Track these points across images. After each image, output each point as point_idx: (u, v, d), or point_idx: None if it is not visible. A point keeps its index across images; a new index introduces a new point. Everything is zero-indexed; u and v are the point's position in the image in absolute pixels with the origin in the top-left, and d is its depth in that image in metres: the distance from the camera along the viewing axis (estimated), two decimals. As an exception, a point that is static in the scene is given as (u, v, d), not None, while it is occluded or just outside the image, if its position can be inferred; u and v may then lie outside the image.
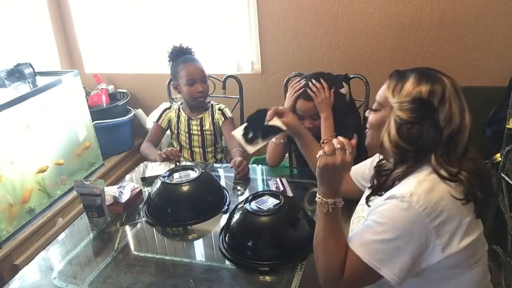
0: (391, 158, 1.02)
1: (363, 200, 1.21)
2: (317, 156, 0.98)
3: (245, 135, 1.37)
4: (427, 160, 0.97)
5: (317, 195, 1.01)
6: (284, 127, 1.36)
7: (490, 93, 2.14)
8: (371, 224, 0.95)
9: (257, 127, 1.36)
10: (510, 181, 1.49)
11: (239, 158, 1.78)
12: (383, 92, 1.04)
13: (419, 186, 0.91)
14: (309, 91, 1.68)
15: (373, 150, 1.12)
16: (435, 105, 0.95)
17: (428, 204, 0.89)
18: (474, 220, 0.95)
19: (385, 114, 1.01)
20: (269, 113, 1.37)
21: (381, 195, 1.02)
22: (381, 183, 1.03)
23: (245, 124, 1.38)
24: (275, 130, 1.36)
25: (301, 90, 1.71)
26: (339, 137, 0.99)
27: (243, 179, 1.74)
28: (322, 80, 1.69)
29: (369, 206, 1.06)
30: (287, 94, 1.79)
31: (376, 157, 1.26)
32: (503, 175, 1.51)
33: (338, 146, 0.96)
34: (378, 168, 1.09)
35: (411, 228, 0.90)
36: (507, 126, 1.86)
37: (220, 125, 2.09)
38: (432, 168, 0.95)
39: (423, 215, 0.88)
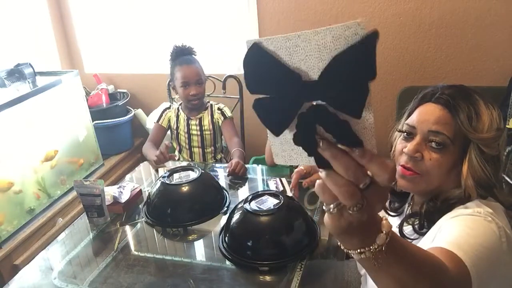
0: (458, 192, 0.88)
1: None
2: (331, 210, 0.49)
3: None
4: None
5: (347, 251, 0.54)
6: None
7: (490, 93, 2.13)
8: (463, 235, 0.78)
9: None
10: (510, 181, 1.49)
11: (235, 160, 1.78)
12: (452, 123, 0.86)
13: (488, 208, 0.83)
14: None
15: (423, 195, 0.95)
16: (503, 129, 0.87)
17: (503, 224, 0.81)
18: None
19: (456, 152, 0.86)
20: (293, 183, 1.29)
21: (421, 228, 0.91)
22: (437, 209, 0.89)
23: None
24: None
25: None
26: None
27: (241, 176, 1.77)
28: None
29: (406, 239, 0.92)
30: None
31: None
32: (503, 175, 1.51)
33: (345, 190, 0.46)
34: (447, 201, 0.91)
35: (498, 241, 0.79)
36: (507, 126, 1.86)
37: (220, 124, 2.09)
38: (493, 198, 0.87)
39: (503, 233, 0.80)
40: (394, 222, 1.05)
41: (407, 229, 0.96)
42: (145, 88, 2.93)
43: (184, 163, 1.92)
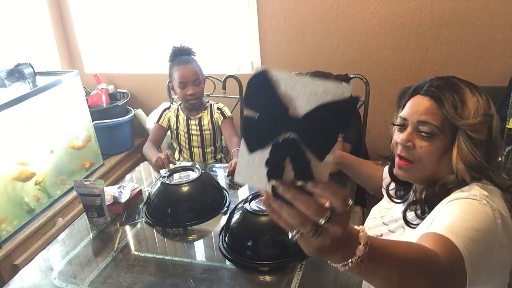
0: (453, 177, 0.92)
1: (380, 206, 1.19)
2: (292, 238, 0.56)
3: None
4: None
5: (334, 265, 0.59)
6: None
7: (490, 93, 2.12)
8: (458, 219, 0.81)
9: None
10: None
11: (235, 160, 1.78)
12: (439, 113, 0.91)
13: (484, 190, 0.86)
14: None
15: (421, 183, 1.00)
16: (493, 115, 0.91)
17: (499, 207, 0.83)
18: None
19: (446, 139, 0.91)
20: None
21: (423, 213, 0.95)
22: (436, 194, 0.93)
23: None
24: None
25: None
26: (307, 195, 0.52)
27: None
28: None
29: (409, 224, 0.97)
30: None
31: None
32: (503, 175, 1.51)
33: (317, 213, 0.51)
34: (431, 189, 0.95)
35: (492, 225, 0.81)
36: (507, 126, 1.86)
37: (220, 124, 2.09)
38: (488, 181, 0.90)
39: (498, 215, 0.82)
40: (399, 209, 1.08)
41: (410, 215, 1.00)
42: (145, 88, 2.93)
43: (184, 163, 1.92)
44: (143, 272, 1.25)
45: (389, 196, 1.12)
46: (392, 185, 1.13)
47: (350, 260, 0.56)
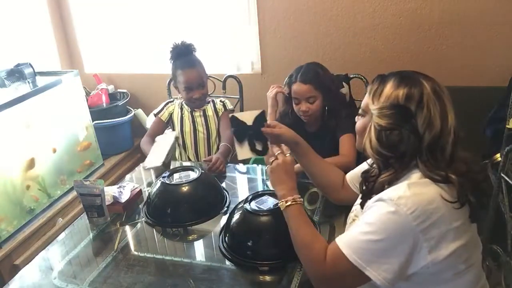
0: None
1: (357, 202, 1.20)
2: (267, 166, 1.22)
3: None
4: (414, 165, 0.96)
5: (278, 202, 1.15)
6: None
7: (490, 93, 2.14)
8: (359, 224, 0.95)
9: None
10: (510, 181, 1.49)
11: (215, 156, 1.80)
12: (365, 98, 1.05)
13: (408, 189, 0.90)
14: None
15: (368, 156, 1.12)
16: (412, 110, 0.94)
17: (417, 207, 0.87)
18: (466, 223, 0.93)
19: (367, 121, 1.03)
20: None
21: (370, 199, 1.01)
22: (369, 189, 1.03)
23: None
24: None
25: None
26: (275, 145, 1.24)
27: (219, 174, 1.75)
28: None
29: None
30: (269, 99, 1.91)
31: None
32: (503, 175, 1.51)
33: (278, 152, 1.21)
34: (365, 174, 1.10)
35: (398, 231, 0.89)
36: (507, 126, 1.85)
37: (220, 115, 2.09)
38: (421, 173, 0.94)
39: (410, 218, 0.87)
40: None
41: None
42: (145, 88, 2.94)
43: (185, 163, 1.92)
44: (143, 272, 1.25)
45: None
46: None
47: (279, 202, 1.14)
